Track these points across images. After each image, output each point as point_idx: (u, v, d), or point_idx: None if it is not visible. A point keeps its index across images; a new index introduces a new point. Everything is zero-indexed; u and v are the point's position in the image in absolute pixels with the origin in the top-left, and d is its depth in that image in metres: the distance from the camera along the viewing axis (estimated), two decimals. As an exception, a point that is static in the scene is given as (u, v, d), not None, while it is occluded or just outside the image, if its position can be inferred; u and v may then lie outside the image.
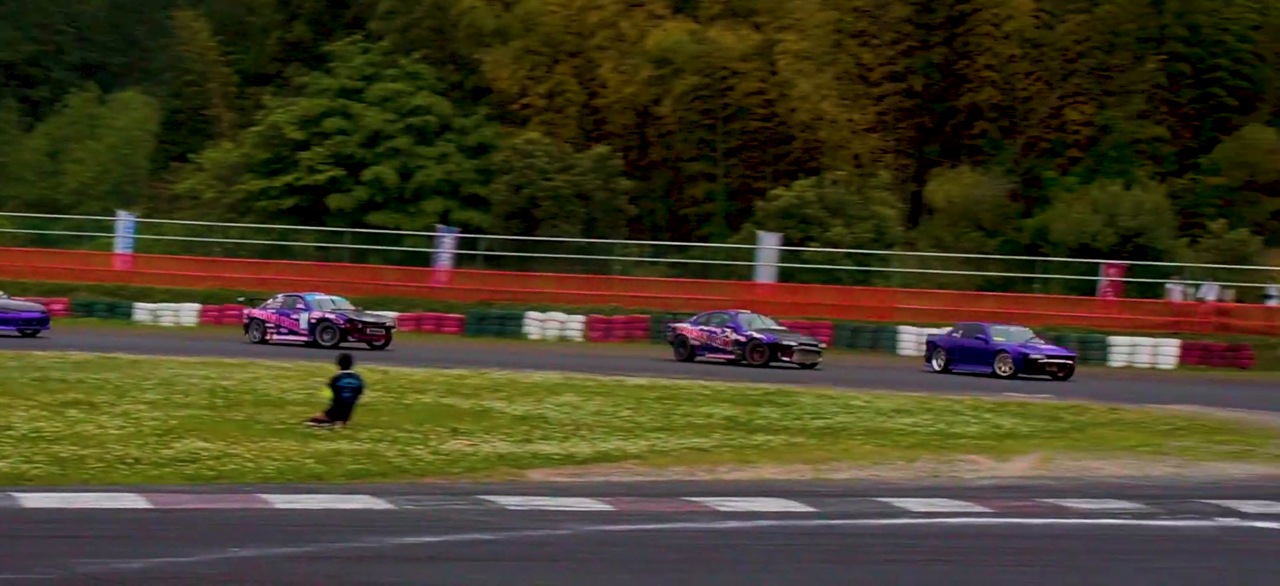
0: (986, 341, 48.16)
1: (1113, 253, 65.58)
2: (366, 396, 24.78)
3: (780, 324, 51.14)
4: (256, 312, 51.27)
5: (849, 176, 71.03)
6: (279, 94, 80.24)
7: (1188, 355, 57.78)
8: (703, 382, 35.78)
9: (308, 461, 20.30)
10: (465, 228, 71.21)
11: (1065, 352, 48.78)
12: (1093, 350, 57.19)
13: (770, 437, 25.13)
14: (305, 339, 49.00)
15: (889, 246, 68.24)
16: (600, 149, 73.47)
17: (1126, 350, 58.06)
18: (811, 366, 47.38)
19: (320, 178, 74.80)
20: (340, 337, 48.25)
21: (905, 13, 77.39)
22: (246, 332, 50.99)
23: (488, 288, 66.22)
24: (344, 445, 21.87)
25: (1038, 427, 28.83)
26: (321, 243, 72.09)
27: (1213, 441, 27.74)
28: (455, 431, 24.07)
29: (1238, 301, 63.16)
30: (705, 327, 49.73)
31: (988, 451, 24.59)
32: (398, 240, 71.63)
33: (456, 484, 19.35)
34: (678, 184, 77.08)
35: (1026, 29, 76.25)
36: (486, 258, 70.23)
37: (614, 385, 34.17)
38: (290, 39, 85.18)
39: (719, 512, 17.72)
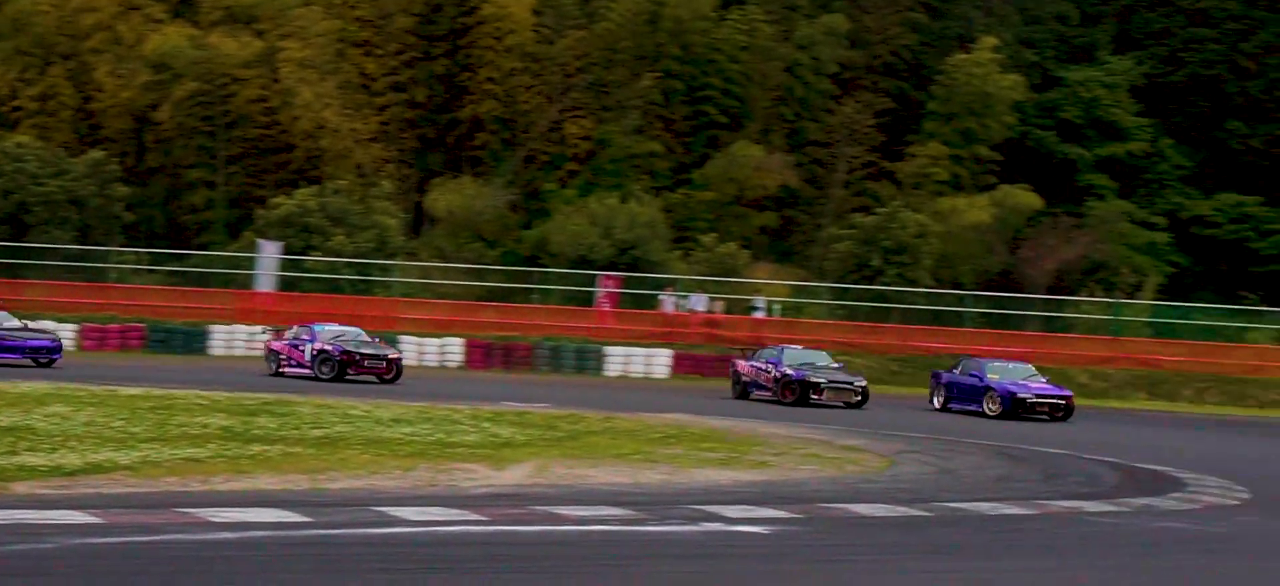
0: (980, 378, 46.02)
1: (609, 264, 67.06)
2: None
3: (835, 360, 49.13)
4: (274, 344, 49.12)
5: (351, 185, 70.77)
6: None
7: (680, 365, 59.54)
8: (199, 392, 35.05)
9: None
10: (-50, 234, 68.34)
11: (1057, 391, 46.30)
12: (589, 360, 58.50)
13: (267, 447, 24.85)
14: (310, 372, 46.76)
15: (391, 256, 68.24)
16: (95, 154, 71.46)
17: (622, 360, 59.51)
18: (853, 406, 45.24)
19: None
20: (339, 371, 46.27)
21: (408, 24, 77.64)
22: (267, 363, 48.93)
23: (-26, 296, 63.70)
24: None
25: (535, 436, 29.26)
26: None
27: (701, 449, 28.63)
28: (-65, 444, 23.09)
29: (726, 313, 65.33)
30: (754, 364, 48.13)
31: (485, 460, 24.84)
32: (-126, 246, 68.26)
33: (-65, 499, 18.57)
34: (177, 191, 75.61)
35: (527, 43, 77.35)
36: (-27, 265, 67.54)
37: (107, 395, 33.27)
38: None
39: (211, 523, 17.47)
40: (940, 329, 65.02)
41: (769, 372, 47.20)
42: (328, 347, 47.18)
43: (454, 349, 59.61)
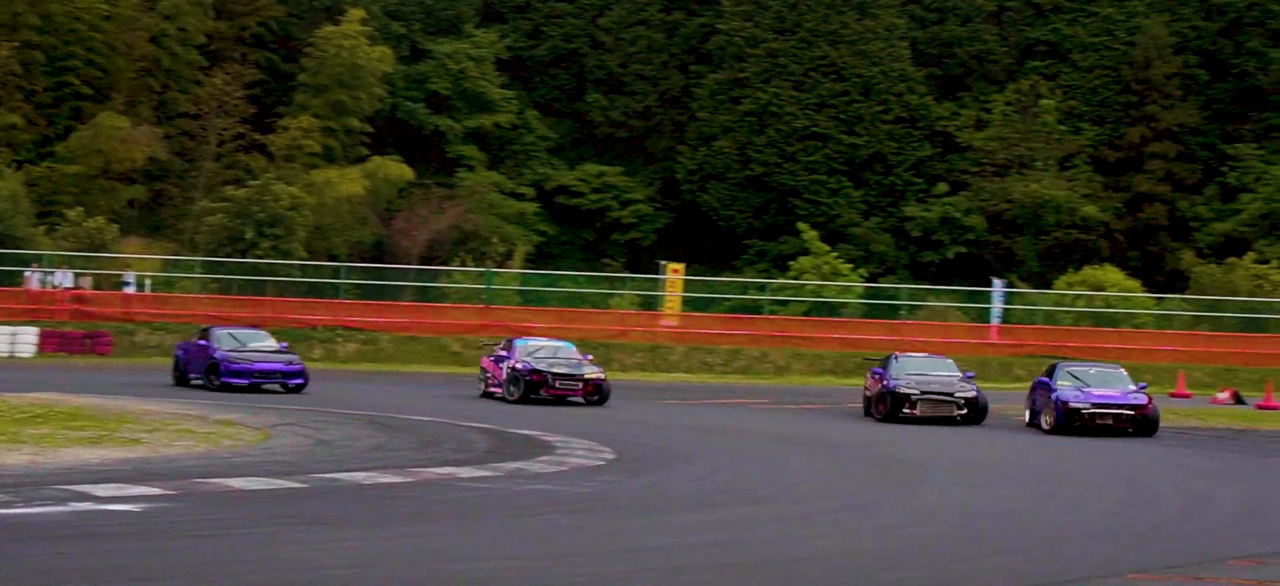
0: (1049, 385, 37.97)
1: (-29, 242, 64.52)
2: None
3: (962, 371, 41.19)
4: (486, 361, 44.46)
5: None
6: None
7: (47, 343, 57.80)
8: None
9: None
10: None
11: (1127, 399, 37.12)
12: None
13: None
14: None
15: None
16: None
17: (-14, 339, 57.36)
18: (967, 422, 38.65)
19: None
20: (526, 392, 41.38)
21: None
22: (480, 381, 44.45)
23: None
24: None
25: (-111, 422, 27.97)
26: None
27: (70, 428, 27.92)
28: None
29: (95, 288, 63.77)
30: (872, 374, 41.55)
31: None
32: None
33: None
34: None
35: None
36: None
37: None
38: None
39: None
40: (316, 301, 65.11)
41: (873, 384, 40.83)
42: (519, 366, 42.43)
43: None
